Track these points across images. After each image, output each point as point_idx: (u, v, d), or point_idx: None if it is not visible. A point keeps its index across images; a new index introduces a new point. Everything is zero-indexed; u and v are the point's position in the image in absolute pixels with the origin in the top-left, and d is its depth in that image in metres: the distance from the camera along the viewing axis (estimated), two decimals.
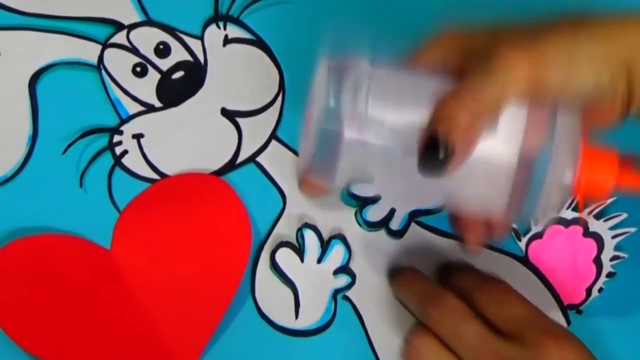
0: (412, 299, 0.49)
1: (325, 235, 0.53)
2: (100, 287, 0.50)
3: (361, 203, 0.53)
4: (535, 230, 0.54)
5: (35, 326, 0.49)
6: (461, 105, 0.39)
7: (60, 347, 0.49)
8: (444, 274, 0.53)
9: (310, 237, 0.52)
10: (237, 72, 0.55)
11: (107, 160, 0.53)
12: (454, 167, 0.39)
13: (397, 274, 0.52)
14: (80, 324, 0.49)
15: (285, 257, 0.52)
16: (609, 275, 0.53)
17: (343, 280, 0.52)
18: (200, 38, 0.55)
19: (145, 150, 0.53)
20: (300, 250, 0.52)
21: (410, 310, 0.51)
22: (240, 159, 0.54)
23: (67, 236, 0.51)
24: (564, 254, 0.54)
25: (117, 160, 0.53)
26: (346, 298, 0.52)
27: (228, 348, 0.51)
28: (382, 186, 0.48)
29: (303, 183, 0.52)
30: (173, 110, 0.54)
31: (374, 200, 0.53)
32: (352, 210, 0.53)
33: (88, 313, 0.50)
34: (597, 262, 0.53)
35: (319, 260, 0.52)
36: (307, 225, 0.52)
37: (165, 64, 0.54)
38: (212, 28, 0.55)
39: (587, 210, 0.54)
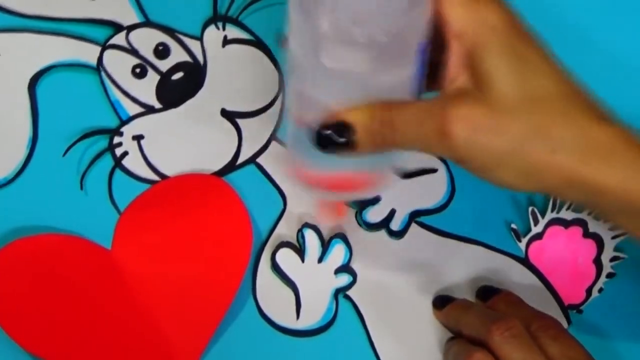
0: (471, 320, 0.49)
1: (326, 235, 0.53)
2: (100, 287, 0.50)
3: (361, 204, 0.53)
4: (535, 231, 0.54)
5: (36, 326, 0.49)
6: (391, 123, 0.39)
7: (60, 347, 0.49)
8: (483, 297, 0.53)
9: (310, 236, 0.52)
10: (236, 73, 0.55)
11: (107, 161, 0.53)
12: (344, 157, 0.41)
13: (447, 300, 0.52)
14: (80, 324, 0.49)
15: (286, 257, 0.52)
16: (609, 275, 0.53)
17: (344, 279, 0.52)
18: (200, 39, 0.55)
19: (145, 151, 0.53)
20: (300, 251, 0.52)
21: (456, 333, 0.51)
22: (241, 159, 0.54)
23: (68, 236, 0.51)
24: (564, 255, 0.53)
25: (118, 162, 0.53)
26: (347, 297, 0.52)
27: (229, 348, 0.51)
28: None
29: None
30: (173, 111, 0.54)
31: (373, 201, 0.53)
32: (352, 212, 0.53)
33: (88, 313, 0.50)
34: (597, 262, 0.53)
35: (320, 260, 0.52)
36: (308, 225, 0.52)
37: (164, 65, 0.54)
38: (211, 29, 0.55)
39: (587, 210, 0.54)
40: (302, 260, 0.52)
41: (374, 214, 0.53)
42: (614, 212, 0.40)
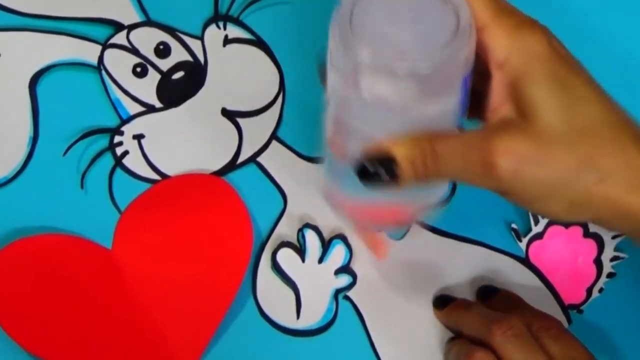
0: (472, 320, 0.49)
1: (326, 235, 0.53)
2: (101, 287, 0.50)
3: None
4: (535, 231, 0.54)
5: (36, 326, 0.49)
6: (434, 155, 0.39)
7: (60, 347, 0.49)
8: (483, 297, 0.53)
9: (311, 237, 0.52)
10: (237, 73, 0.55)
11: (107, 161, 0.53)
12: (389, 190, 0.40)
13: (447, 300, 0.52)
14: (81, 324, 0.49)
15: (287, 257, 0.52)
16: (610, 275, 0.53)
17: (344, 280, 0.52)
18: (201, 38, 0.55)
19: (146, 150, 0.53)
20: (301, 250, 0.52)
21: (457, 333, 0.51)
22: (241, 159, 0.54)
23: (69, 236, 0.51)
24: (564, 255, 0.53)
25: (118, 161, 0.53)
26: (347, 298, 0.52)
27: (229, 348, 0.51)
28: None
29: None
30: (173, 110, 0.54)
31: None
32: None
33: (89, 313, 0.50)
34: (598, 262, 0.53)
35: (320, 260, 0.52)
36: (308, 225, 0.52)
37: (165, 64, 0.54)
38: (212, 28, 0.55)
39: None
40: (303, 260, 0.52)
41: None
42: None
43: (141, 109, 0.54)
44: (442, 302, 0.52)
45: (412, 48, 0.36)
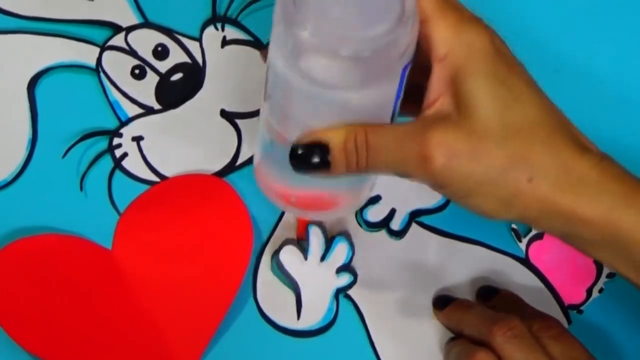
0: (473, 320, 0.49)
1: (329, 233, 0.53)
2: (101, 287, 0.50)
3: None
4: (535, 231, 0.54)
5: (36, 326, 0.49)
6: (367, 146, 0.39)
7: (60, 347, 0.49)
8: (483, 297, 0.53)
9: (315, 234, 0.52)
10: (235, 74, 0.55)
11: (107, 163, 0.53)
12: (317, 177, 0.40)
13: (447, 300, 0.52)
14: (81, 324, 0.49)
15: (290, 255, 0.52)
16: (609, 275, 0.53)
17: (345, 279, 0.52)
18: (199, 40, 0.55)
19: (145, 152, 0.53)
20: (304, 248, 0.52)
21: (457, 333, 0.51)
22: (240, 160, 0.54)
23: (69, 236, 0.51)
24: (564, 255, 0.53)
25: (117, 163, 0.53)
26: (348, 297, 0.52)
27: (229, 348, 0.51)
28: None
29: None
30: (172, 112, 0.54)
31: (373, 200, 0.53)
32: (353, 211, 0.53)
33: (89, 313, 0.50)
34: (598, 262, 0.53)
35: (322, 259, 0.52)
36: (313, 223, 0.52)
37: (163, 66, 0.54)
38: (210, 29, 0.55)
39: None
40: (305, 258, 0.52)
41: (374, 214, 0.53)
42: (597, 245, 0.40)
43: (140, 110, 0.54)
44: (442, 302, 0.52)
45: (355, 30, 0.36)
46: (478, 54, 0.38)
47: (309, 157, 0.40)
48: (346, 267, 0.52)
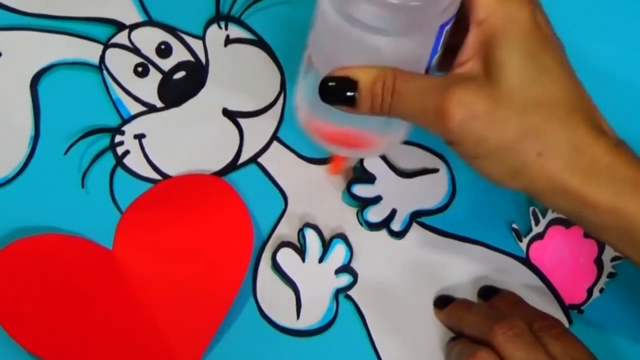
0: (474, 320, 0.49)
1: (327, 235, 0.53)
2: (102, 287, 0.50)
3: (362, 204, 0.53)
4: (536, 231, 0.54)
5: (37, 326, 0.49)
6: (393, 90, 0.40)
7: (60, 347, 0.49)
8: (484, 297, 0.53)
9: (311, 236, 0.52)
10: (238, 73, 0.55)
11: (108, 160, 0.53)
12: (345, 111, 0.42)
13: (448, 300, 0.52)
14: (81, 324, 0.49)
15: (287, 257, 0.52)
16: (610, 275, 0.53)
17: (345, 279, 0.52)
18: (202, 38, 0.55)
19: (146, 150, 0.53)
20: (301, 250, 0.52)
21: (458, 332, 0.51)
22: (242, 159, 0.54)
23: (69, 236, 0.51)
24: (564, 255, 0.54)
25: (119, 161, 0.53)
26: (348, 297, 0.52)
27: (230, 348, 0.51)
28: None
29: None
30: (174, 110, 0.54)
31: (374, 200, 0.53)
32: (354, 211, 0.53)
33: (89, 313, 0.50)
34: (598, 262, 0.53)
35: (321, 260, 0.52)
36: (309, 225, 0.52)
37: (166, 64, 0.54)
38: (214, 28, 0.55)
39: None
40: (303, 260, 0.52)
41: (375, 214, 0.53)
42: (601, 228, 0.41)
43: (142, 108, 0.54)
44: (443, 302, 0.52)
45: None
46: (516, 25, 0.39)
47: (337, 90, 0.41)
48: (345, 268, 0.52)
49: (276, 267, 0.52)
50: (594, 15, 0.59)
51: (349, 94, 0.41)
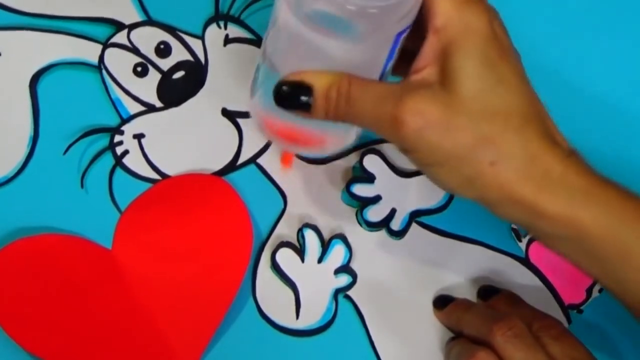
0: (473, 320, 0.49)
1: (326, 235, 0.53)
2: (101, 286, 0.50)
3: (362, 203, 0.53)
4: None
5: (36, 326, 0.49)
6: (348, 96, 0.40)
7: (60, 347, 0.49)
8: (484, 297, 0.53)
9: (310, 237, 0.52)
10: (238, 72, 0.55)
11: (108, 160, 0.53)
12: (305, 117, 0.42)
13: (447, 300, 0.52)
14: (81, 324, 0.49)
15: (286, 257, 0.52)
16: None
17: (344, 279, 0.52)
18: (201, 38, 0.55)
19: (146, 150, 0.53)
20: (300, 251, 0.52)
21: (457, 333, 0.51)
22: (241, 159, 0.54)
23: (68, 236, 0.51)
24: None
25: (118, 161, 0.53)
26: (347, 297, 0.52)
27: (229, 348, 0.51)
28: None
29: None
30: (174, 110, 0.54)
31: (374, 200, 0.53)
32: (353, 211, 0.54)
33: (89, 312, 0.50)
34: None
35: (320, 260, 0.52)
36: (308, 225, 0.52)
37: (166, 63, 0.54)
38: (213, 28, 0.55)
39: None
40: (302, 260, 0.52)
41: (375, 213, 0.53)
42: (554, 238, 0.41)
43: (142, 108, 0.54)
44: (442, 302, 0.52)
45: None
46: (473, 34, 0.39)
47: (292, 96, 0.41)
48: (344, 268, 0.52)
49: (275, 267, 0.52)
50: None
51: (303, 98, 0.41)
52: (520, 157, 0.39)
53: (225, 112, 0.54)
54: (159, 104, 0.54)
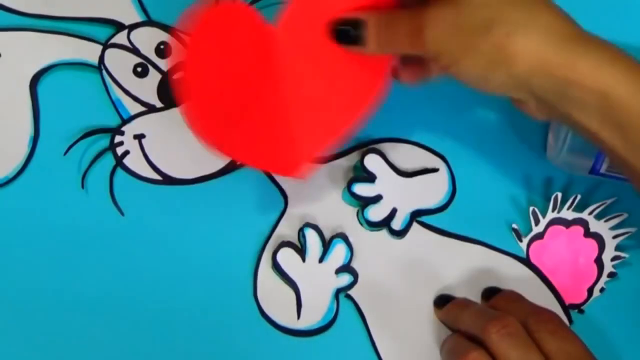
0: (469, 318, 0.49)
1: (327, 235, 0.53)
2: (260, 63, 0.49)
3: (362, 203, 0.53)
4: (536, 231, 0.54)
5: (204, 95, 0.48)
6: (391, 23, 0.45)
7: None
8: (487, 297, 0.53)
9: (311, 236, 0.52)
10: None
11: (108, 160, 0.53)
12: (350, 49, 0.47)
13: (448, 299, 0.52)
14: (234, 95, 0.49)
15: (287, 257, 0.52)
16: (610, 275, 0.53)
17: (345, 279, 0.52)
18: None
19: (146, 150, 0.53)
20: (301, 250, 0.52)
21: (455, 331, 0.51)
22: None
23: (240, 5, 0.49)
24: (565, 255, 0.54)
25: (119, 161, 0.53)
26: (348, 297, 0.52)
27: (230, 348, 0.51)
28: None
29: None
30: (174, 110, 0.54)
31: (375, 199, 0.53)
32: (354, 211, 0.53)
33: (245, 88, 0.49)
34: (598, 262, 0.53)
35: (321, 260, 0.52)
36: (309, 225, 0.52)
37: (166, 64, 0.54)
38: None
39: (588, 210, 0.54)
40: (303, 260, 0.52)
41: (376, 213, 0.53)
42: (583, 108, 0.41)
43: (142, 108, 0.54)
44: (442, 301, 0.52)
45: None
46: None
47: (348, 32, 0.46)
48: (345, 268, 0.52)
49: (276, 267, 0.52)
50: None
51: (359, 32, 0.46)
52: (533, 26, 0.41)
53: None
54: (159, 104, 0.54)
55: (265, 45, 0.49)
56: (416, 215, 0.54)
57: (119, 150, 0.53)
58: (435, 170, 0.54)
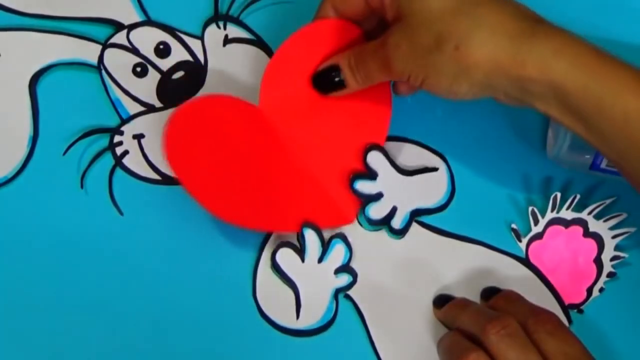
0: (468, 319, 0.49)
1: (326, 235, 0.53)
2: (256, 144, 0.51)
3: (363, 200, 0.53)
4: (535, 231, 0.54)
5: (210, 181, 0.49)
6: (361, 57, 0.48)
7: (230, 201, 0.50)
8: (486, 297, 0.53)
9: (310, 236, 0.52)
10: (237, 72, 0.55)
11: (107, 160, 0.53)
12: (338, 95, 0.50)
13: (447, 299, 0.52)
14: (245, 179, 0.50)
15: (286, 257, 0.52)
16: (610, 275, 0.53)
17: (344, 279, 0.52)
18: (201, 38, 0.55)
19: (145, 150, 0.53)
20: (301, 250, 0.52)
21: (450, 328, 0.51)
22: None
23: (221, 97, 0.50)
24: (564, 254, 0.53)
25: (118, 161, 0.53)
26: (347, 297, 0.52)
27: (229, 348, 0.51)
28: None
29: None
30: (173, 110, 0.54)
31: (376, 197, 0.53)
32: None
33: (247, 167, 0.50)
34: (598, 262, 0.53)
35: (320, 260, 0.52)
36: (308, 225, 0.52)
37: (165, 64, 0.54)
38: (212, 28, 0.55)
39: (587, 210, 0.54)
40: (302, 260, 0.52)
41: (376, 211, 0.53)
42: (544, 100, 0.43)
43: (141, 108, 0.54)
44: (441, 301, 0.52)
45: None
46: None
47: (327, 79, 0.50)
48: (345, 268, 0.52)
49: (276, 267, 0.52)
50: None
51: (336, 77, 0.49)
52: (478, 32, 0.42)
53: None
54: (158, 104, 0.54)
55: (256, 125, 0.50)
56: (416, 215, 0.54)
57: (118, 150, 0.53)
58: (435, 169, 0.54)
